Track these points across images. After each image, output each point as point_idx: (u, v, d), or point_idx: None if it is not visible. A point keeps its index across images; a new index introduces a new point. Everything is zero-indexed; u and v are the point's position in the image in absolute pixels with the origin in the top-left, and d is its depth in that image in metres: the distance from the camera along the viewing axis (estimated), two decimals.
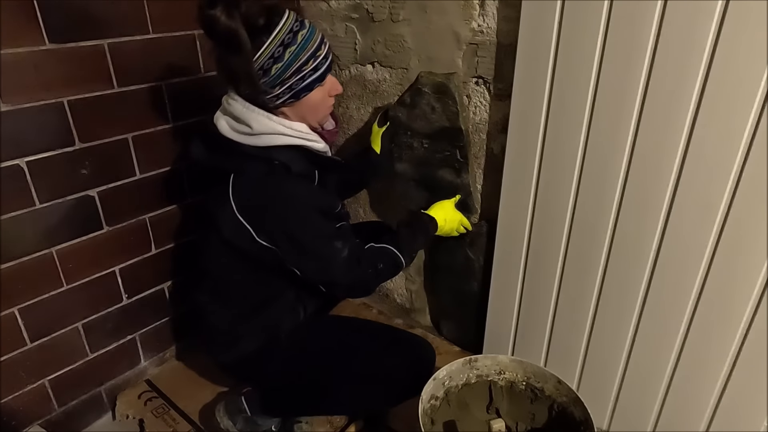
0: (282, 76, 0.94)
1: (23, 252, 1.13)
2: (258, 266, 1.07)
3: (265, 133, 0.98)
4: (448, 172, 1.33)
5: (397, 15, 1.35)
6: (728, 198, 0.94)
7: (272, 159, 0.99)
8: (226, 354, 1.18)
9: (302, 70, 0.95)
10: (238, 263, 1.07)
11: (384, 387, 1.12)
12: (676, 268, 1.04)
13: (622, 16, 0.95)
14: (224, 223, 1.00)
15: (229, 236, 1.01)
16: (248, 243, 1.00)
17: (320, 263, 1.02)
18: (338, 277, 1.03)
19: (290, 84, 0.96)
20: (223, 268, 1.12)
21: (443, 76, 1.23)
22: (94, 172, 1.19)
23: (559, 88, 1.08)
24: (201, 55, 1.31)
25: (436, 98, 1.24)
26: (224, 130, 0.99)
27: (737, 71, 0.86)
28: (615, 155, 1.04)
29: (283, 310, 1.16)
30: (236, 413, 1.22)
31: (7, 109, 1.03)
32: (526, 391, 1.18)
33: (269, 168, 0.99)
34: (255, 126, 0.97)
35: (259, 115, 0.97)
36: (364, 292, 1.13)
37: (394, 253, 1.11)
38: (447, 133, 1.27)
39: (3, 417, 1.19)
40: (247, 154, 0.99)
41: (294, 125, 1.01)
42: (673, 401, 1.13)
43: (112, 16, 1.13)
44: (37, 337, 1.21)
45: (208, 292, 1.17)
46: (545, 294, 1.26)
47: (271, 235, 0.99)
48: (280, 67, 0.93)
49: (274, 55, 0.91)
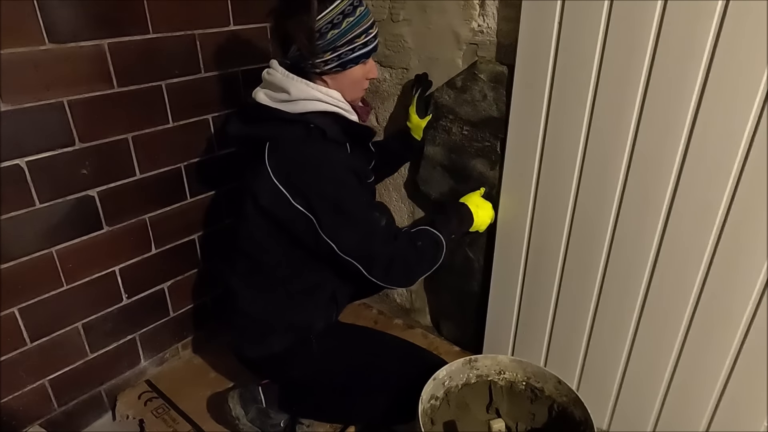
0: (335, 42, 0.99)
1: (23, 252, 1.13)
2: (294, 245, 1.07)
3: (303, 99, 1.01)
4: (482, 163, 1.30)
5: (397, 15, 1.35)
6: (728, 198, 0.94)
7: (308, 123, 1.02)
8: (253, 348, 1.18)
9: (354, 42, 1.00)
10: (275, 239, 1.08)
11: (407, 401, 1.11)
12: (676, 268, 1.04)
13: (622, 16, 0.95)
14: (261, 191, 1.03)
15: (266, 203, 1.03)
16: (285, 209, 1.01)
17: (357, 229, 1.03)
18: (377, 247, 1.03)
19: (340, 53, 1.00)
20: (258, 247, 1.11)
21: (503, 66, 1.20)
22: (94, 172, 1.19)
23: (559, 88, 1.08)
24: (201, 55, 1.31)
25: (492, 87, 1.22)
26: (263, 99, 1.04)
27: (737, 71, 0.86)
28: (615, 155, 1.04)
29: (317, 306, 1.18)
30: (250, 402, 1.23)
31: (7, 109, 1.03)
32: (526, 391, 1.18)
33: (305, 131, 1.02)
34: (293, 92, 1.01)
35: (298, 81, 1.02)
36: (406, 272, 1.08)
37: (432, 232, 1.11)
38: (493, 123, 1.25)
39: (3, 417, 1.19)
40: (284, 120, 1.03)
41: (331, 92, 1.04)
42: (673, 401, 1.13)
43: (112, 16, 1.13)
44: (37, 337, 1.21)
45: (243, 275, 1.17)
46: (545, 294, 1.26)
47: (307, 198, 1.00)
48: (336, 34, 0.98)
49: (333, 20, 0.97)
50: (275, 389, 1.26)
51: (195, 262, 1.50)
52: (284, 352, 1.17)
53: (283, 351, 1.17)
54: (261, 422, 1.23)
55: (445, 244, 1.11)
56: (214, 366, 1.51)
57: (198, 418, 1.34)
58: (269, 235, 1.08)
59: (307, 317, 1.18)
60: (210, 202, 1.47)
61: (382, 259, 1.04)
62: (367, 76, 1.09)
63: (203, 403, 1.38)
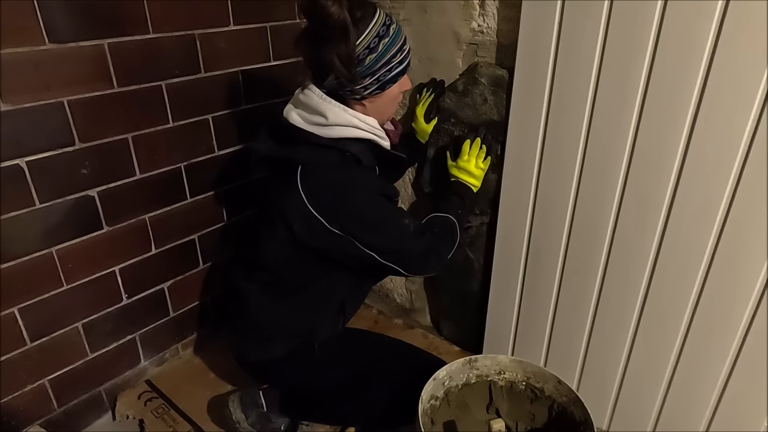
0: (374, 66, 0.98)
1: (23, 252, 1.13)
2: (319, 261, 1.08)
3: (340, 125, 1.00)
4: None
5: (397, 15, 1.35)
6: (728, 198, 0.94)
7: (344, 150, 1.02)
8: (256, 352, 1.18)
9: (391, 62, 0.99)
10: (301, 259, 1.08)
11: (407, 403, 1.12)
12: (676, 268, 1.04)
13: (622, 16, 0.95)
14: (294, 218, 1.02)
15: (299, 230, 1.02)
16: (321, 235, 1.01)
17: (393, 238, 1.05)
18: (412, 248, 1.08)
19: (379, 75, 0.99)
20: (281, 264, 1.11)
21: (503, 70, 1.21)
22: (94, 172, 1.19)
23: (559, 88, 1.08)
24: (201, 55, 1.30)
25: (492, 90, 1.23)
26: (296, 121, 1.02)
27: (737, 71, 0.86)
28: (615, 155, 1.04)
29: (326, 315, 1.19)
30: (251, 407, 1.23)
31: (7, 109, 1.02)
32: (526, 391, 1.18)
33: (341, 158, 1.02)
34: (330, 117, 0.99)
35: (335, 106, 1.00)
36: (437, 258, 1.12)
37: (440, 215, 1.15)
38: (494, 126, 1.25)
39: (3, 417, 1.19)
40: (319, 145, 1.01)
41: (368, 119, 1.04)
42: (673, 401, 1.13)
43: (112, 16, 1.12)
44: (37, 337, 1.21)
45: (259, 283, 1.16)
46: (545, 294, 1.26)
47: (342, 222, 1.00)
48: (374, 58, 0.97)
49: (370, 45, 0.96)
50: (276, 393, 1.26)
51: (195, 262, 1.50)
52: (286, 357, 1.17)
53: (285, 356, 1.17)
54: (262, 426, 1.23)
55: (455, 221, 1.15)
56: (214, 366, 1.51)
57: (198, 418, 1.34)
58: (296, 254, 1.08)
59: (315, 325, 1.18)
60: (210, 202, 1.47)
61: (417, 255, 1.09)
62: (402, 89, 1.08)
63: (203, 403, 1.38)
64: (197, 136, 1.37)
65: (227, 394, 1.28)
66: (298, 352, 1.18)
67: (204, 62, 1.32)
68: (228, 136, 1.44)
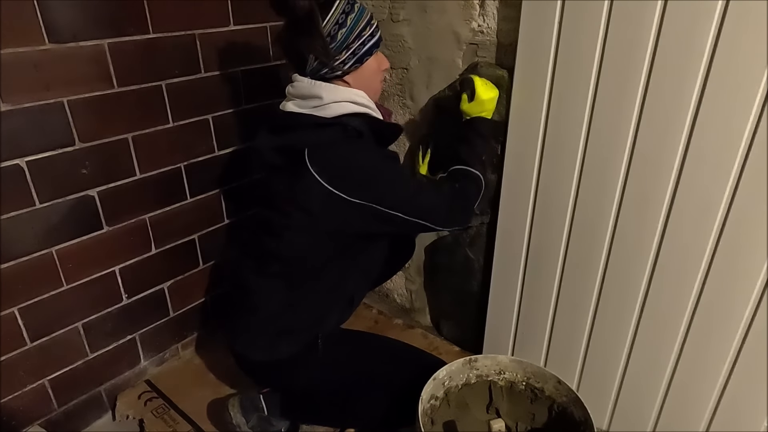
0: (347, 40, 1.02)
1: (23, 252, 1.13)
2: (337, 244, 1.11)
3: (335, 101, 1.04)
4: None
5: (397, 15, 1.35)
6: (728, 198, 0.94)
7: (345, 125, 1.04)
8: (260, 351, 1.17)
9: (362, 36, 1.04)
10: (320, 245, 1.10)
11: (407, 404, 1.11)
12: (676, 268, 1.04)
13: (622, 16, 0.95)
14: (311, 200, 1.03)
15: (318, 209, 1.03)
16: (341, 208, 1.02)
17: (413, 194, 1.08)
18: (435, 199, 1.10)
19: (353, 48, 1.03)
20: (298, 253, 1.11)
21: (503, 69, 1.21)
22: (94, 172, 1.19)
23: (559, 88, 1.08)
24: (201, 55, 1.30)
25: None
26: (292, 108, 1.07)
27: (737, 71, 0.86)
28: (615, 155, 1.04)
29: (335, 305, 1.21)
30: (251, 411, 1.23)
31: (7, 109, 1.02)
32: (525, 391, 1.18)
33: (344, 134, 1.05)
34: (325, 95, 1.03)
35: (327, 85, 1.05)
36: (463, 210, 1.15)
37: (464, 169, 1.17)
38: (494, 126, 1.23)
39: (3, 417, 1.19)
40: (319, 125, 1.04)
41: (358, 92, 1.07)
42: (673, 401, 1.13)
43: (112, 16, 1.12)
44: (37, 337, 1.21)
45: (270, 275, 1.15)
46: (545, 294, 1.26)
47: (361, 190, 1.02)
48: (344, 32, 1.01)
49: (338, 21, 1.00)
50: (276, 396, 1.25)
51: (195, 262, 1.50)
52: (290, 359, 1.17)
53: (289, 358, 1.17)
54: (262, 429, 1.23)
55: (477, 173, 1.17)
56: (214, 366, 1.51)
57: (198, 418, 1.34)
58: (315, 241, 1.09)
59: (323, 316, 1.19)
60: (210, 202, 1.47)
61: (441, 207, 1.11)
62: (381, 68, 1.12)
63: (203, 403, 1.38)
64: (197, 136, 1.37)
65: (227, 398, 1.27)
66: (302, 353, 1.18)
67: (204, 62, 1.32)
68: (228, 136, 1.44)
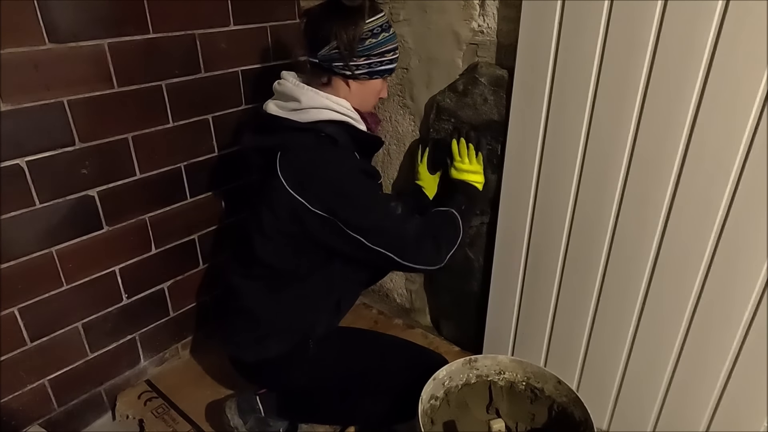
0: (371, 50, 1.03)
1: (23, 252, 1.13)
2: (311, 251, 1.08)
3: (313, 107, 1.03)
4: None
5: (397, 15, 1.35)
6: (728, 198, 0.94)
7: (319, 131, 1.03)
8: (250, 352, 1.17)
9: (384, 56, 1.05)
10: (291, 248, 1.08)
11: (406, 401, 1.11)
12: (676, 268, 1.04)
13: (622, 16, 0.95)
14: (277, 204, 1.03)
15: (284, 215, 1.03)
16: (304, 217, 1.01)
17: (380, 219, 1.03)
18: (402, 230, 1.04)
19: (372, 61, 1.04)
20: (274, 256, 1.10)
21: (503, 70, 1.21)
22: (94, 172, 1.19)
23: (559, 88, 1.08)
24: (201, 55, 1.31)
25: (492, 90, 1.23)
26: (274, 110, 1.07)
27: (737, 71, 0.86)
28: (615, 155, 1.04)
29: (322, 311, 1.19)
30: (249, 412, 1.22)
31: (7, 109, 1.03)
32: (525, 391, 1.18)
33: (316, 140, 1.04)
34: (303, 100, 1.03)
35: (308, 90, 1.04)
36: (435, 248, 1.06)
37: (442, 210, 1.13)
38: (494, 126, 1.25)
39: (3, 417, 1.19)
40: (294, 129, 1.04)
41: (340, 101, 1.06)
42: (673, 401, 1.13)
43: (112, 16, 1.12)
44: (37, 337, 1.21)
45: (253, 277, 1.15)
46: (545, 294, 1.26)
47: (324, 201, 1.00)
48: (374, 43, 1.02)
49: (374, 31, 1.02)
50: (273, 397, 1.25)
51: (195, 262, 1.50)
52: (282, 356, 1.16)
53: (279, 356, 1.16)
54: (260, 431, 1.23)
55: (457, 214, 1.13)
56: (214, 366, 1.51)
57: (198, 418, 1.34)
58: (286, 245, 1.08)
59: (311, 321, 1.18)
60: (210, 202, 1.47)
61: (408, 240, 1.04)
62: (380, 93, 1.12)
63: (203, 403, 1.38)
64: (197, 136, 1.38)
65: (224, 400, 1.27)
66: (294, 351, 1.17)
67: (204, 62, 1.32)
68: (228, 136, 1.44)
